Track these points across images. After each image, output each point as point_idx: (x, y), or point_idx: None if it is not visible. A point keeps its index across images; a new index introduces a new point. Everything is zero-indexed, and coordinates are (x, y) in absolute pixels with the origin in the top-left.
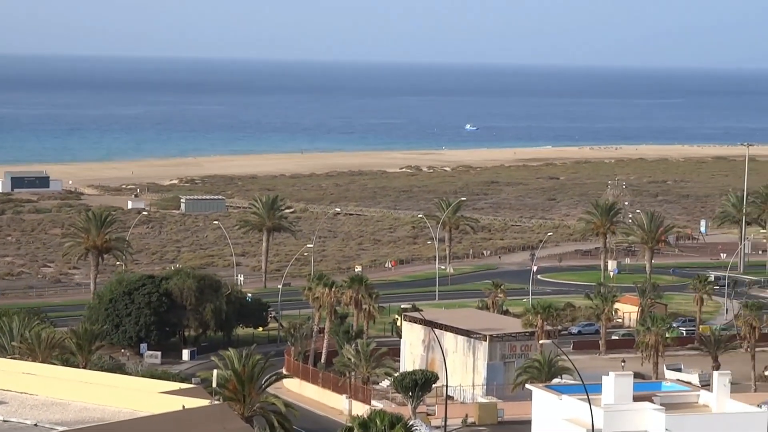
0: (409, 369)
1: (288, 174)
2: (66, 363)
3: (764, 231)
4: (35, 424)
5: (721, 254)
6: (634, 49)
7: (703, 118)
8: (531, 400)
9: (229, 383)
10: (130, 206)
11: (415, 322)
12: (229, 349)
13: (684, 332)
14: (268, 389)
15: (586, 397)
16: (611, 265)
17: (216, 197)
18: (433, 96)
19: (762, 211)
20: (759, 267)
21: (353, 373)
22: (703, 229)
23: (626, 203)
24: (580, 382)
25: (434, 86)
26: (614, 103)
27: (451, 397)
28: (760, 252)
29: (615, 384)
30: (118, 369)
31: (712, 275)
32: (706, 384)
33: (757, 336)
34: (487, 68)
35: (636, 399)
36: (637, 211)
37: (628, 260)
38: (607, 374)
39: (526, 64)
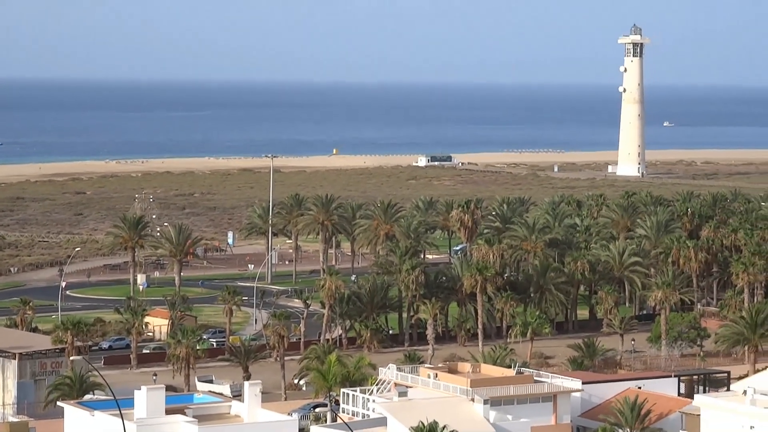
0: None
1: None
2: None
3: (290, 241)
4: None
5: (249, 265)
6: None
7: (228, 130)
8: (63, 417)
9: None
10: None
11: None
12: None
13: (214, 343)
14: None
15: (118, 412)
16: (140, 278)
17: None
18: None
19: (287, 221)
20: (286, 277)
21: None
22: (230, 240)
23: (154, 216)
24: (112, 398)
25: None
26: (136, 116)
27: None
28: (286, 262)
29: (147, 398)
30: None
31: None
32: (237, 394)
33: (285, 345)
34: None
35: (169, 412)
36: (165, 224)
37: (157, 273)
38: (139, 388)
39: (43, 77)
